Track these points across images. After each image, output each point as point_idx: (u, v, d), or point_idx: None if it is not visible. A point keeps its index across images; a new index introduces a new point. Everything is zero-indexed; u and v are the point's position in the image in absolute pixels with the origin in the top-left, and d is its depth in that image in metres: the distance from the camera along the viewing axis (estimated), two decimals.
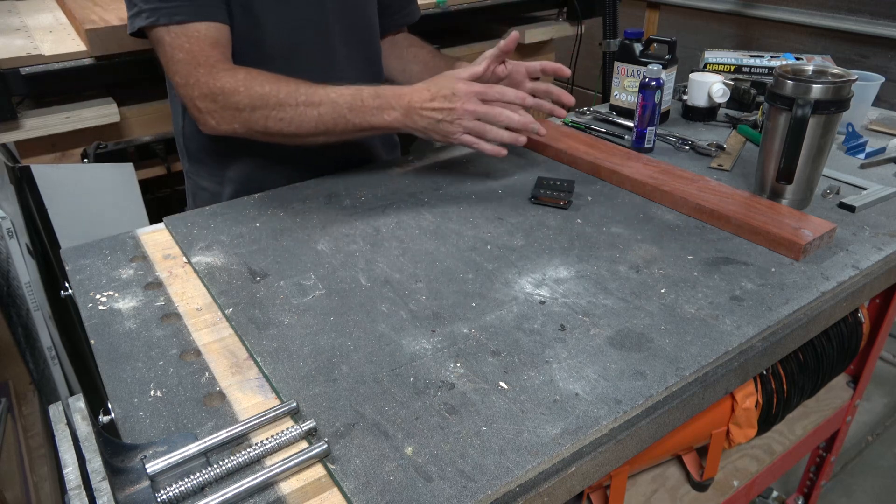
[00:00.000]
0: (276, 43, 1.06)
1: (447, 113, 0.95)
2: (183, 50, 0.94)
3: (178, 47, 0.94)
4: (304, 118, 0.97)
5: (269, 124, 0.98)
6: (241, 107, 0.96)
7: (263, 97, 0.95)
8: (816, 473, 1.49)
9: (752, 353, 0.77)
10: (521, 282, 0.87)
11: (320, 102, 0.96)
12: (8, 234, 1.52)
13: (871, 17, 2.12)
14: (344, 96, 0.97)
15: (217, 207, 1.08)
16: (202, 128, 1.00)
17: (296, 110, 0.96)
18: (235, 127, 0.99)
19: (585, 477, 0.64)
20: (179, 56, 0.95)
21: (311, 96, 0.96)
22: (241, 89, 0.95)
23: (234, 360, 0.75)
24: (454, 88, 0.95)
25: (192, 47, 0.94)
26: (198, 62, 0.95)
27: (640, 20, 2.87)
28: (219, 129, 1.00)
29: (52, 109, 1.43)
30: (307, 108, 0.96)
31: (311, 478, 0.60)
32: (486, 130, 0.97)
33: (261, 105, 0.95)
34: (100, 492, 0.53)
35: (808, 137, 0.97)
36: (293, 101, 0.96)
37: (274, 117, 0.97)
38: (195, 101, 0.97)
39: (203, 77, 0.95)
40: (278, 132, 0.99)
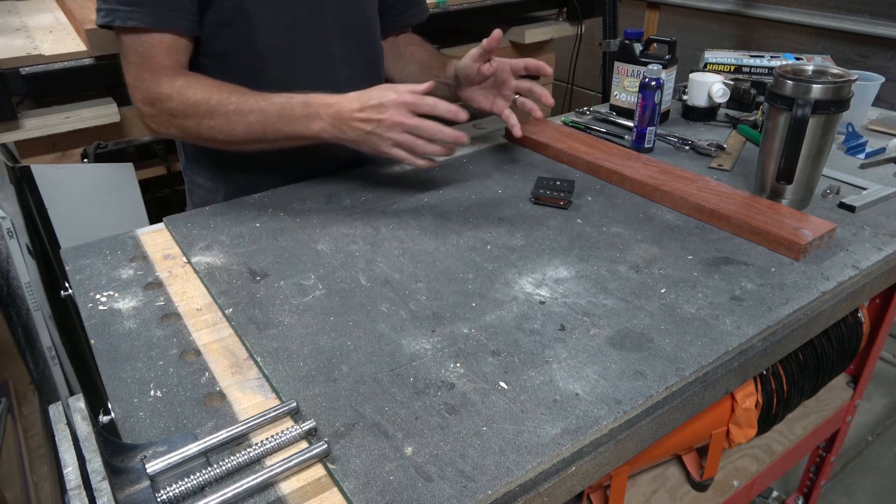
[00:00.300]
0: (270, 44, 1.05)
1: (375, 125, 0.92)
2: (136, 53, 0.96)
3: (132, 49, 0.96)
4: (234, 126, 0.97)
5: (201, 131, 0.99)
6: (175, 113, 0.97)
7: (195, 105, 0.96)
8: (816, 473, 1.49)
9: (752, 353, 0.77)
10: (521, 282, 0.87)
11: (250, 111, 0.96)
12: (8, 234, 1.52)
13: (871, 17, 2.12)
14: (274, 105, 0.95)
15: (217, 207, 1.08)
16: (148, 130, 1.02)
17: (226, 118, 0.96)
18: (173, 132, 1.00)
19: (585, 477, 0.64)
20: (132, 58, 0.97)
21: (242, 105, 0.96)
22: (175, 96, 0.96)
23: (234, 360, 0.75)
24: (383, 99, 0.92)
25: (144, 52, 0.96)
26: (146, 66, 0.96)
27: (640, 20, 2.87)
28: (159, 132, 1.01)
29: (52, 109, 1.43)
30: (237, 117, 0.96)
31: (311, 478, 0.60)
32: (417, 145, 0.94)
33: (192, 112, 0.96)
34: (100, 492, 0.53)
35: (808, 137, 0.97)
36: (223, 110, 0.96)
37: (205, 125, 0.97)
38: (138, 104, 0.99)
39: (146, 82, 0.97)
40: (211, 139, 1.00)
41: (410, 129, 0.93)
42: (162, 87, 0.96)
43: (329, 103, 0.94)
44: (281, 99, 0.96)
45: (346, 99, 0.94)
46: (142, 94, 0.98)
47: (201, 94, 0.96)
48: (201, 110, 0.96)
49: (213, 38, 1.03)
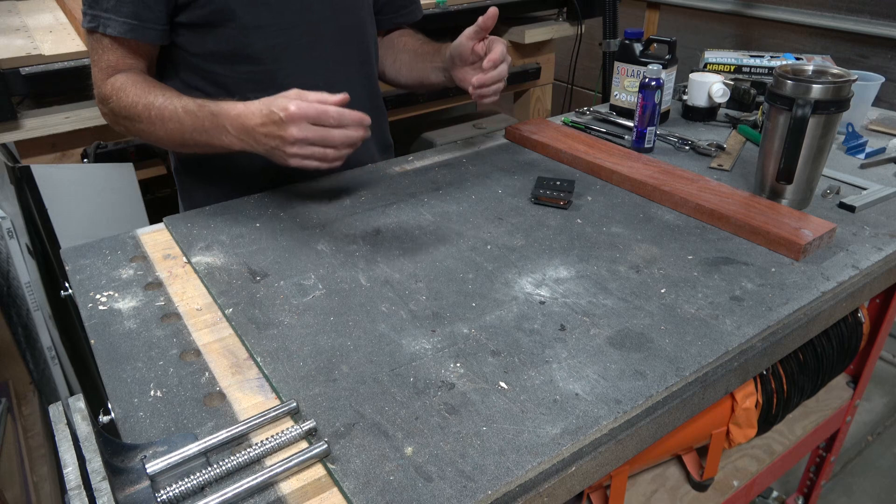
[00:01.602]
0: (263, 46, 1.05)
1: (279, 141, 0.88)
2: (96, 52, 1.01)
3: (93, 49, 1.01)
4: (157, 131, 0.98)
5: (138, 133, 1.03)
6: (116, 113, 1.01)
7: (127, 108, 0.99)
8: (816, 473, 1.49)
9: (752, 353, 0.77)
10: (521, 282, 0.87)
11: (169, 118, 0.96)
12: (8, 234, 1.52)
13: (871, 17, 2.12)
14: (188, 113, 0.94)
15: (217, 207, 1.08)
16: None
17: (150, 123, 0.98)
18: (121, 130, 1.05)
19: (585, 477, 0.64)
20: (93, 57, 1.02)
21: (162, 110, 0.96)
22: (113, 97, 1.00)
23: (234, 360, 0.75)
24: (285, 112, 0.85)
25: (104, 52, 1.00)
26: (101, 66, 1.01)
27: (640, 20, 2.87)
28: (114, 127, 1.06)
29: (52, 109, 1.43)
30: (159, 122, 0.97)
31: (311, 478, 0.60)
32: (326, 156, 0.89)
33: (126, 115, 1.00)
34: (100, 492, 0.53)
35: (808, 137, 0.97)
36: (147, 114, 0.97)
37: (137, 128, 1.01)
38: (96, 100, 1.04)
39: (98, 81, 1.02)
40: (149, 141, 1.04)
41: (315, 143, 0.88)
42: (105, 87, 1.01)
43: (233, 115, 0.90)
44: (193, 107, 0.94)
45: (250, 111, 0.89)
46: (96, 92, 1.03)
47: (132, 97, 0.99)
48: (132, 113, 0.99)
49: (204, 40, 1.04)
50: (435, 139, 2.14)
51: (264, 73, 1.07)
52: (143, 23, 0.98)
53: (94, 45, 1.01)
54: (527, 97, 2.28)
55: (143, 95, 0.98)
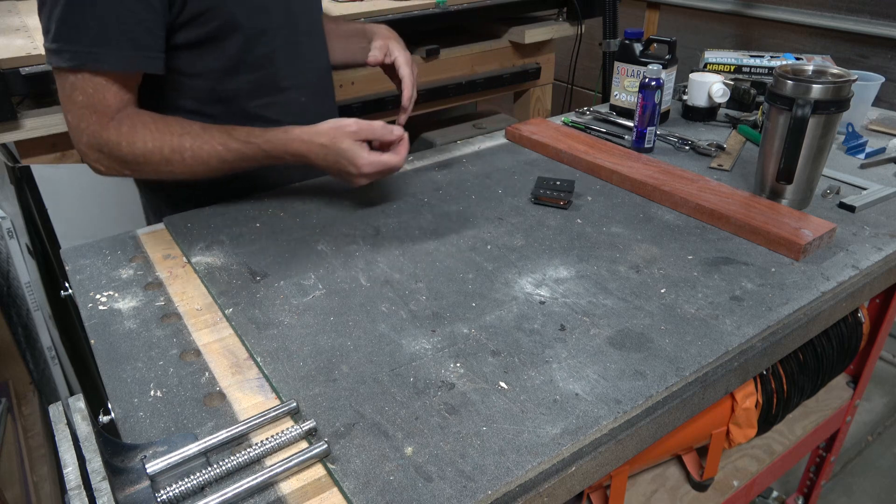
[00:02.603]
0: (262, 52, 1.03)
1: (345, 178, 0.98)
2: (84, 93, 0.89)
3: (79, 89, 0.88)
4: (195, 170, 0.95)
5: (160, 175, 0.95)
6: (127, 161, 0.92)
7: (147, 154, 0.92)
8: (816, 473, 1.49)
9: (752, 353, 0.77)
10: (521, 282, 0.87)
11: (209, 157, 0.94)
12: (8, 234, 1.52)
13: (871, 17, 2.12)
14: (233, 153, 0.95)
15: (217, 207, 1.08)
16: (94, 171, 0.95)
17: (184, 165, 0.94)
18: (126, 174, 0.95)
19: (585, 477, 0.64)
20: (77, 98, 0.89)
21: (198, 151, 0.93)
22: (124, 144, 0.91)
23: (234, 360, 0.75)
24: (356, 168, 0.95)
25: (95, 92, 0.89)
26: (93, 108, 0.89)
27: (640, 20, 2.87)
28: (108, 175, 0.95)
29: (52, 109, 1.43)
30: (195, 162, 0.94)
31: (311, 478, 0.60)
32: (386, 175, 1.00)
33: (145, 161, 0.92)
34: (100, 492, 0.53)
35: (808, 137, 0.97)
36: (180, 158, 0.93)
37: (164, 171, 0.94)
38: (82, 147, 0.92)
39: (92, 125, 0.90)
40: (173, 180, 0.97)
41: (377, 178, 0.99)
42: (109, 133, 0.90)
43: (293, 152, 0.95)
44: (236, 144, 0.94)
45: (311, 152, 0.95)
46: (87, 139, 0.91)
47: (151, 143, 0.91)
48: (155, 159, 0.92)
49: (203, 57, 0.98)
50: (435, 139, 2.14)
51: (264, 79, 1.05)
52: (146, 52, 0.90)
53: (75, 86, 0.88)
54: (527, 97, 2.28)
55: (164, 138, 0.91)
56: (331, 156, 0.95)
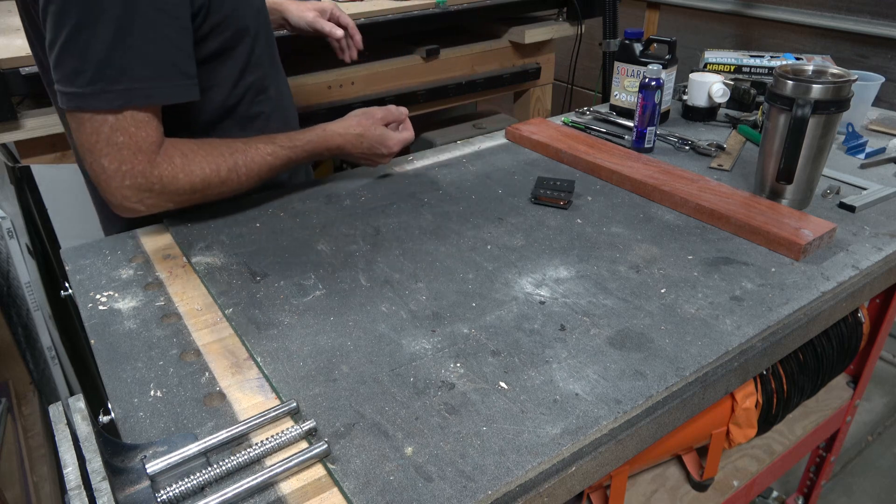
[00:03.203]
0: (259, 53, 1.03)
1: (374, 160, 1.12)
2: (127, 134, 0.82)
3: (121, 130, 0.82)
4: (247, 185, 0.98)
5: (209, 199, 0.95)
6: (183, 192, 0.90)
7: (205, 180, 0.91)
8: (816, 473, 1.49)
9: (752, 353, 0.77)
10: (521, 282, 0.87)
11: (259, 169, 0.97)
12: (8, 234, 1.52)
13: (871, 17, 2.12)
14: (280, 158, 1.00)
15: (217, 207, 1.08)
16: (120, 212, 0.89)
17: (238, 182, 0.96)
18: (168, 207, 0.91)
19: (585, 477, 0.64)
20: (120, 140, 0.82)
21: (251, 165, 0.96)
22: (181, 176, 0.88)
23: (234, 360, 0.75)
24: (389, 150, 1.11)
25: (138, 131, 0.83)
26: (139, 148, 0.83)
27: (640, 20, 2.87)
28: (143, 213, 0.90)
29: (52, 109, 1.43)
30: (248, 178, 0.97)
31: (311, 478, 0.60)
32: None
33: (203, 188, 0.92)
34: (100, 492, 0.53)
35: (808, 137, 0.97)
36: (235, 176, 0.95)
37: (216, 193, 0.94)
38: (124, 191, 0.85)
39: (140, 165, 0.84)
40: (219, 199, 0.98)
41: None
42: (162, 169, 0.86)
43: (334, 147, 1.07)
44: (284, 152, 1.00)
45: (352, 146, 1.08)
46: (132, 181, 0.84)
47: (208, 168, 0.91)
48: (215, 182, 0.92)
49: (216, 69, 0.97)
50: (435, 139, 2.14)
51: (257, 80, 1.04)
52: (191, 79, 0.86)
53: (116, 127, 0.81)
54: (527, 97, 2.28)
55: (217, 160, 0.91)
56: (366, 142, 1.08)
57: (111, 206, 0.88)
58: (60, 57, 0.79)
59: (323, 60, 1.80)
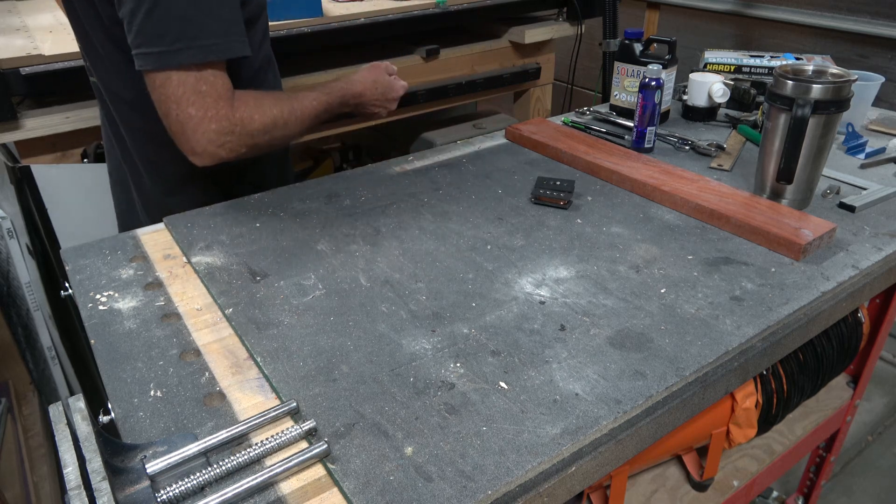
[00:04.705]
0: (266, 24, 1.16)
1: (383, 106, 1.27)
2: (209, 83, 0.93)
3: (202, 80, 0.92)
4: (298, 130, 1.07)
5: (273, 142, 1.03)
6: (256, 132, 0.99)
7: (275, 120, 1.01)
8: (816, 473, 1.49)
9: (752, 353, 0.77)
10: (521, 282, 0.87)
11: (306, 116, 1.07)
12: (8, 234, 1.52)
13: (871, 17, 2.12)
14: (325, 106, 1.12)
15: (217, 207, 1.08)
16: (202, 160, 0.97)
17: (294, 125, 1.05)
18: (242, 152, 0.99)
19: (585, 477, 0.64)
20: (203, 89, 0.92)
21: (303, 109, 1.07)
22: (256, 116, 0.98)
23: (234, 360, 0.75)
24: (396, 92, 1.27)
25: (216, 80, 0.93)
26: (219, 95, 0.94)
27: (640, 20, 2.87)
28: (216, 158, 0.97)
29: (52, 109, 1.43)
30: (299, 123, 1.06)
31: (311, 478, 0.60)
32: None
33: (272, 127, 1.01)
34: (100, 492, 0.53)
35: (808, 137, 0.97)
36: (293, 119, 1.04)
37: (279, 136, 1.03)
38: (210, 135, 0.94)
39: (223, 110, 0.94)
40: (276, 146, 1.06)
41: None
42: (241, 111, 0.96)
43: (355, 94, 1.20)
44: (325, 98, 1.12)
45: (369, 92, 1.22)
46: (217, 125, 0.94)
47: (276, 109, 1.01)
48: (279, 123, 1.02)
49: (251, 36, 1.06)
50: (435, 139, 2.14)
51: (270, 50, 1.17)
52: (245, 37, 0.97)
53: (200, 79, 0.92)
54: (527, 97, 2.28)
55: (280, 104, 1.02)
56: (380, 87, 1.23)
57: (193, 155, 0.97)
58: (145, 22, 0.89)
59: (323, 60, 1.80)
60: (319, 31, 1.66)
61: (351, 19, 1.73)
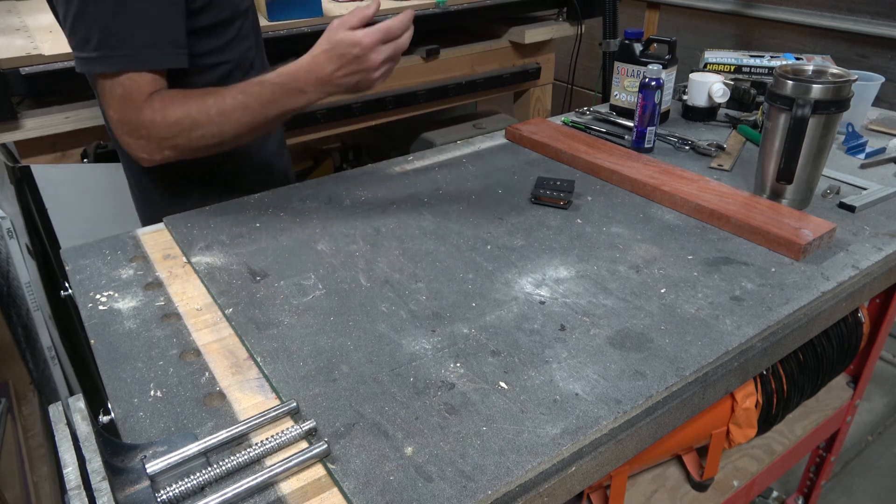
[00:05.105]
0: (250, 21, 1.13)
1: (362, 74, 0.96)
2: (122, 86, 0.93)
3: (118, 84, 0.93)
4: (222, 128, 0.97)
5: (192, 144, 0.97)
6: (164, 136, 0.95)
7: (179, 122, 0.95)
8: (816, 473, 1.49)
9: (752, 353, 0.77)
10: (521, 282, 0.87)
11: (232, 109, 0.96)
12: (8, 234, 1.52)
13: (871, 17, 2.12)
14: (252, 96, 0.96)
15: (217, 207, 1.08)
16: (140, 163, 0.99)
17: (212, 125, 0.96)
18: (166, 154, 0.98)
19: (585, 477, 0.64)
20: (117, 92, 0.94)
21: (222, 105, 0.96)
22: (159, 119, 0.94)
23: (234, 360, 0.75)
24: (359, 47, 0.94)
25: (131, 85, 0.93)
26: (130, 99, 0.94)
27: (640, 20, 2.87)
28: (153, 160, 0.98)
29: (52, 109, 1.43)
30: (221, 118, 0.96)
31: (311, 478, 0.60)
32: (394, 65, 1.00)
33: (179, 130, 0.95)
34: (100, 492, 0.53)
35: (808, 137, 0.97)
36: (206, 118, 0.95)
37: (195, 136, 0.96)
38: (124, 138, 0.96)
39: (129, 113, 0.94)
40: (205, 147, 0.99)
41: (393, 57, 0.98)
42: (145, 114, 0.95)
43: (304, 74, 0.96)
44: (253, 88, 0.97)
45: (319, 63, 0.96)
46: (129, 128, 0.95)
47: (181, 110, 0.95)
48: (186, 124, 0.95)
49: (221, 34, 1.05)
50: (435, 139, 2.14)
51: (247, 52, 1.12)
52: (181, 49, 0.96)
53: (115, 83, 0.93)
54: (527, 97, 2.28)
55: (189, 102, 0.95)
56: (335, 53, 0.95)
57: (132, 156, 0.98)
58: (73, 27, 0.91)
59: None
60: (319, 31, 1.65)
61: None
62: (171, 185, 1.16)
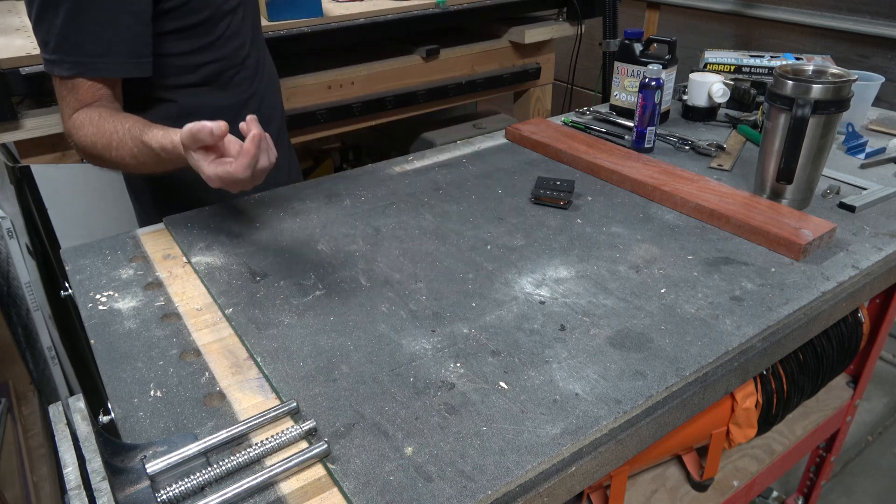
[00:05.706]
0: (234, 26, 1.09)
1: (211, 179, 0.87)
2: (68, 89, 0.97)
3: (66, 86, 0.96)
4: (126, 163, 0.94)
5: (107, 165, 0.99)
6: (80, 148, 1.00)
7: (86, 148, 0.98)
8: (816, 473, 1.49)
9: (752, 353, 0.77)
10: (521, 282, 0.87)
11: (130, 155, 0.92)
12: (8, 234, 1.52)
13: (871, 17, 2.12)
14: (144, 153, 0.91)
15: (217, 207, 1.08)
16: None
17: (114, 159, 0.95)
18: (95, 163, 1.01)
19: (585, 477, 0.64)
20: (63, 93, 0.97)
21: (121, 149, 0.92)
22: (74, 134, 0.98)
23: (234, 360, 0.75)
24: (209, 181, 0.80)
25: (74, 88, 0.96)
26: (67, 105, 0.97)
27: (640, 20, 2.87)
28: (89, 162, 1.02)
29: (52, 109, 1.43)
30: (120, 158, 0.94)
31: (311, 478, 0.60)
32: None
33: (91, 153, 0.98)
34: (100, 492, 0.53)
35: (808, 137, 0.97)
36: (108, 155, 0.95)
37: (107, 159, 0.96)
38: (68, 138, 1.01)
39: (64, 120, 0.99)
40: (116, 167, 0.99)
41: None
42: (68, 126, 0.99)
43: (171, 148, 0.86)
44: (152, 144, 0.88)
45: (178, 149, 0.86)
46: (65, 130, 1.01)
47: (89, 139, 0.96)
48: (92, 153, 0.97)
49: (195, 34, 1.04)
50: (435, 139, 2.14)
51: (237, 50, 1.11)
52: (141, 58, 0.97)
53: (62, 86, 0.96)
54: (527, 97, 2.28)
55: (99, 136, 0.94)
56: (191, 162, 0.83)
57: None
58: (35, 28, 0.94)
59: (323, 60, 1.80)
60: (319, 31, 1.67)
61: (351, 19, 1.73)
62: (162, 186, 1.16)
